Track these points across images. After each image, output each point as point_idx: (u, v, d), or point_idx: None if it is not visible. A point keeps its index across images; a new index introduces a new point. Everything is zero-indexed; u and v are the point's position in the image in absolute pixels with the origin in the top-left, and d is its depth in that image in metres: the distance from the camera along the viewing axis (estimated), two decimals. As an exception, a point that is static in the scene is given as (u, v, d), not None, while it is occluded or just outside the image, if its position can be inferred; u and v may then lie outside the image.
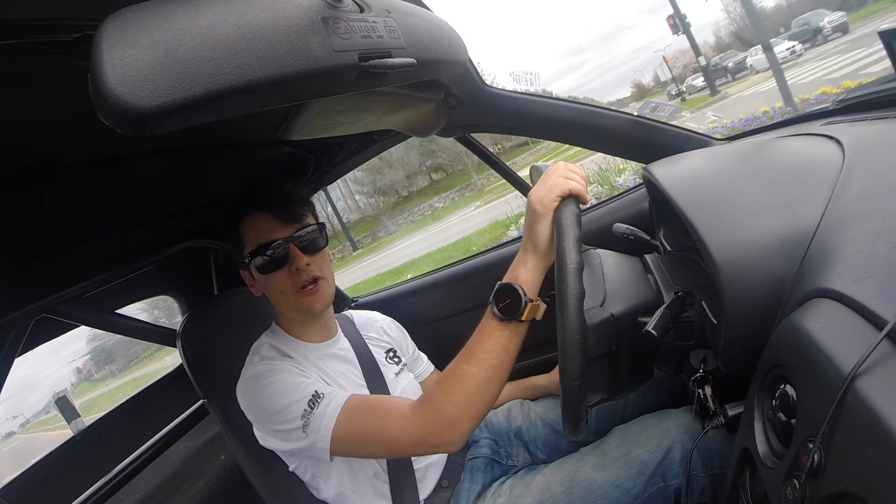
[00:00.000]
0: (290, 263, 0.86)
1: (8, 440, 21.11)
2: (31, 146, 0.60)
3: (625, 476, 0.82)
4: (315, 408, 0.77)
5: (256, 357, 0.89)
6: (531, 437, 1.06)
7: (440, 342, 1.31)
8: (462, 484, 0.97)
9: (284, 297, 0.89)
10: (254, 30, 0.40)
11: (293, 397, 0.78)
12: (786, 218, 0.60)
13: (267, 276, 0.88)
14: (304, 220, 0.90)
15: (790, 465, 0.45)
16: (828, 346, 0.42)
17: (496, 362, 0.70)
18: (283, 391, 0.80)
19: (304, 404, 0.78)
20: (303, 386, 0.80)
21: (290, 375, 0.82)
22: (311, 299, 0.88)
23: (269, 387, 0.81)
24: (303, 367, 0.87)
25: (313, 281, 0.88)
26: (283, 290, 0.88)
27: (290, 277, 0.87)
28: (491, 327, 0.71)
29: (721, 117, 8.05)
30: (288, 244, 0.86)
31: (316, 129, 0.81)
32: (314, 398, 0.78)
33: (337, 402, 0.78)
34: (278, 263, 0.86)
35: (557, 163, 0.73)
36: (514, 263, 0.73)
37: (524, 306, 0.69)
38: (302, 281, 0.87)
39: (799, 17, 15.88)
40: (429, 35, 0.62)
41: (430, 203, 25.06)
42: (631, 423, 0.91)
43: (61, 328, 1.15)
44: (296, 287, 0.87)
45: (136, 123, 0.34)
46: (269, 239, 0.86)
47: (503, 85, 1.17)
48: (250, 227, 0.88)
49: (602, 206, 1.31)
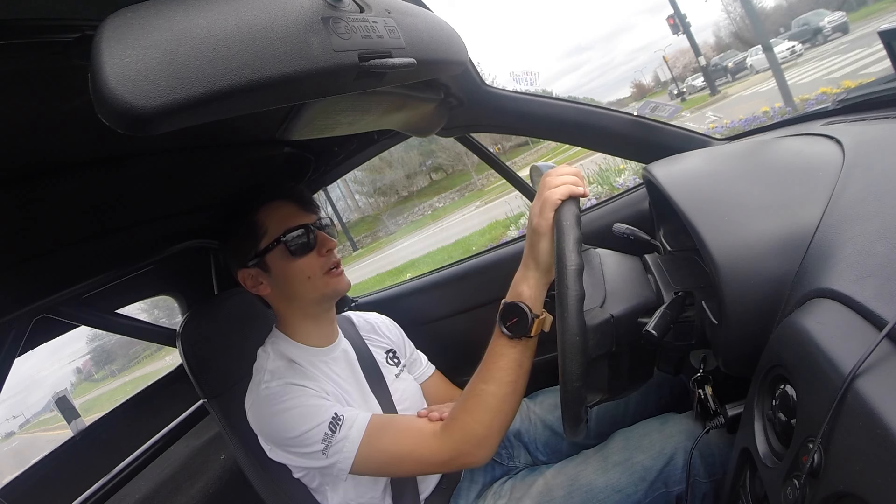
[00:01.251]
0: (319, 246, 0.89)
1: (8, 440, 21.12)
2: (31, 146, 0.60)
3: (626, 481, 0.81)
4: (337, 431, 0.77)
5: (266, 374, 0.86)
6: (531, 439, 1.06)
7: (440, 342, 1.31)
8: (462, 484, 0.97)
9: (311, 281, 0.88)
10: (254, 30, 0.40)
11: (313, 422, 0.78)
12: (786, 218, 0.60)
13: (294, 262, 0.87)
14: (320, 211, 0.93)
15: (790, 465, 0.45)
16: (828, 346, 0.42)
17: (513, 377, 0.73)
18: (302, 416, 0.78)
19: (324, 427, 0.77)
20: (322, 409, 0.79)
21: (308, 398, 0.80)
22: (338, 280, 0.90)
23: (287, 412, 0.79)
24: (317, 381, 0.86)
25: (338, 264, 0.91)
26: (312, 273, 0.88)
27: (320, 260, 0.89)
28: (502, 346, 0.74)
29: (721, 117, 8.06)
30: (314, 228, 0.89)
31: (316, 129, 0.81)
32: (334, 421, 0.78)
33: (360, 426, 0.78)
34: (309, 246, 0.88)
35: (547, 174, 0.73)
36: (515, 279, 0.75)
37: (531, 323, 0.71)
38: (332, 262, 0.89)
39: (799, 17, 15.89)
40: (429, 35, 0.62)
41: (430, 203, 25.07)
42: (633, 428, 0.90)
43: (61, 328, 1.15)
44: (325, 268, 0.89)
45: (136, 123, 0.34)
46: (298, 223, 0.87)
47: (503, 85, 1.17)
48: (273, 215, 0.88)
49: (602, 206, 1.31)
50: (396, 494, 0.90)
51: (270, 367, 0.87)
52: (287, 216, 0.88)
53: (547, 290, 0.74)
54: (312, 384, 0.84)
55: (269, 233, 0.87)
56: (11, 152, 0.58)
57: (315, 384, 0.84)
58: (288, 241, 0.86)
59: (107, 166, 0.72)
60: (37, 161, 0.63)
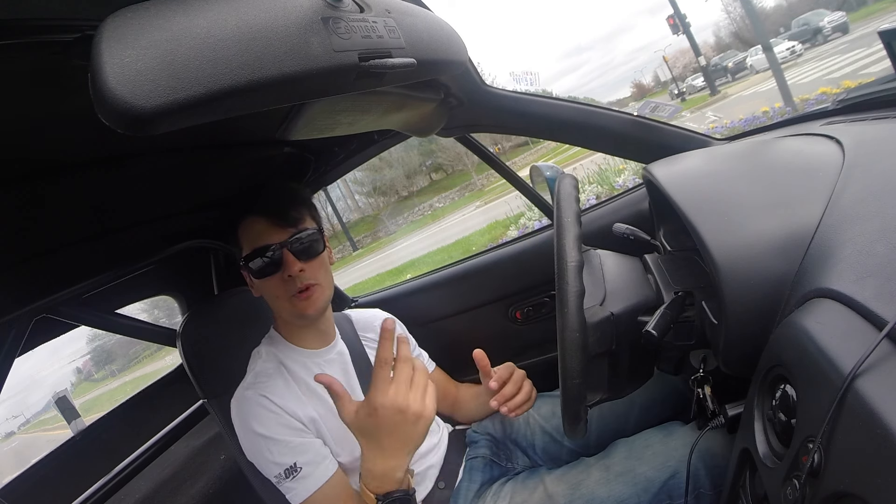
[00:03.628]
0: (283, 270, 0.85)
1: (8, 440, 21.11)
2: (31, 146, 0.60)
3: (629, 492, 0.80)
4: (291, 478, 0.79)
5: (250, 375, 0.89)
6: (530, 444, 1.06)
7: (440, 342, 1.31)
8: (461, 483, 0.96)
9: (279, 301, 0.89)
10: (254, 30, 0.40)
11: (271, 458, 0.80)
12: (786, 218, 0.60)
13: (261, 281, 0.88)
14: (301, 223, 0.88)
15: (790, 465, 0.45)
16: (828, 346, 0.42)
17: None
18: (262, 449, 0.81)
19: (280, 468, 0.80)
20: (284, 451, 0.80)
21: (274, 431, 0.82)
22: (305, 304, 0.87)
23: (252, 434, 0.82)
24: (296, 398, 0.87)
25: (307, 288, 0.87)
26: (277, 295, 0.88)
27: (284, 284, 0.86)
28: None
29: (721, 117, 8.06)
30: (282, 249, 0.85)
31: (316, 129, 0.80)
32: (291, 469, 0.79)
33: (315, 482, 0.79)
34: (271, 269, 0.86)
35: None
36: (383, 468, 0.69)
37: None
38: (296, 288, 0.86)
39: (799, 17, 15.89)
40: (429, 35, 0.62)
41: (430, 203, 25.07)
42: (635, 438, 0.89)
43: (61, 328, 1.15)
44: (289, 293, 0.86)
45: (136, 123, 0.34)
46: (263, 244, 0.85)
47: (503, 85, 1.17)
48: (246, 231, 0.88)
49: (602, 206, 1.31)
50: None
51: (257, 369, 0.89)
52: (257, 235, 0.86)
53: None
54: (287, 406, 0.84)
55: (244, 249, 0.88)
56: (11, 152, 0.58)
57: (290, 405, 0.85)
58: (250, 264, 0.87)
59: (107, 166, 0.72)
60: (37, 161, 0.64)
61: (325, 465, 0.82)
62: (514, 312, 1.39)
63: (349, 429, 0.71)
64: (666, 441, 0.85)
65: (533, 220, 6.53)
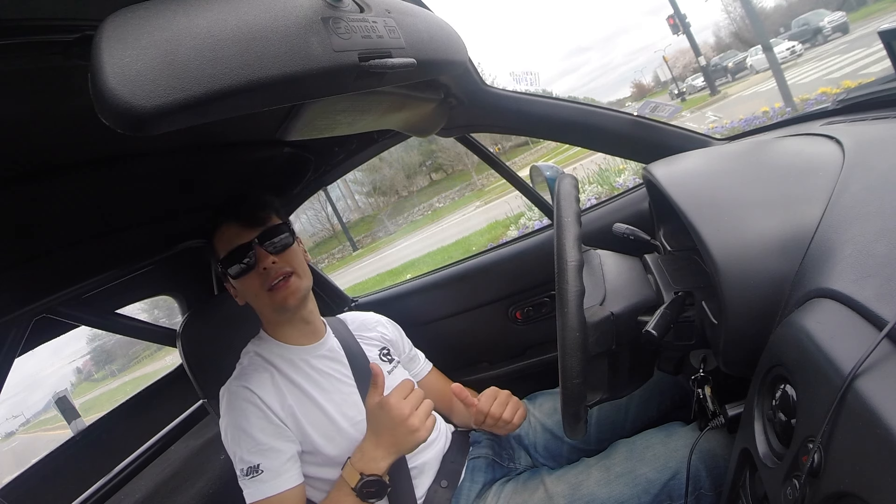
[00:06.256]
0: (257, 264, 0.89)
1: (8, 440, 21.12)
2: (31, 146, 0.60)
3: (629, 493, 0.81)
4: (250, 476, 0.83)
5: (236, 369, 0.94)
6: (531, 442, 1.06)
7: (440, 342, 1.31)
8: (463, 483, 0.96)
9: (259, 298, 0.91)
10: (254, 30, 0.40)
11: (239, 451, 0.84)
12: (786, 218, 0.60)
13: (240, 281, 0.91)
14: (268, 221, 0.92)
15: (790, 465, 0.45)
16: (828, 346, 0.42)
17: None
18: (236, 439, 0.85)
19: (244, 464, 0.83)
20: (253, 450, 0.83)
21: (249, 424, 0.85)
22: (283, 294, 0.89)
23: (232, 421, 0.86)
24: (279, 392, 0.89)
25: (284, 277, 0.89)
26: (256, 291, 0.90)
27: (260, 278, 0.89)
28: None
29: (721, 117, 8.05)
30: (254, 246, 0.89)
31: (316, 129, 0.81)
32: (253, 469, 0.82)
33: (273, 487, 0.82)
34: (247, 266, 0.89)
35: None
36: (368, 452, 0.81)
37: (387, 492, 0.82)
38: (271, 279, 0.89)
39: (799, 17, 15.88)
40: (429, 35, 0.62)
41: (429, 203, 25.08)
42: (636, 438, 0.90)
43: (61, 328, 1.15)
44: (266, 286, 0.89)
45: (136, 123, 0.34)
46: (236, 245, 0.89)
47: (503, 85, 1.17)
48: (219, 239, 0.91)
49: (602, 206, 1.31)
50: (392, 494, 0.90)
51: (244, 364, 0.94)
52: (229, 239, 0.90)
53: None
54: (267, 399, 0.87)
55: (219, 256, 0.91)
56: (11, 152, 0.58)
57: (271, 398, 0.87)
58: (226, 266, 0.91)
59: (107, 166, 0.72)
60: (37, 161, 0.64)
61: (286, 477, 0.83)
62: (515, 312, 1.39)
63: (366, 412, 0.85)
64: (666, 442, 0.85)
65: (533, 220, 6.54)
